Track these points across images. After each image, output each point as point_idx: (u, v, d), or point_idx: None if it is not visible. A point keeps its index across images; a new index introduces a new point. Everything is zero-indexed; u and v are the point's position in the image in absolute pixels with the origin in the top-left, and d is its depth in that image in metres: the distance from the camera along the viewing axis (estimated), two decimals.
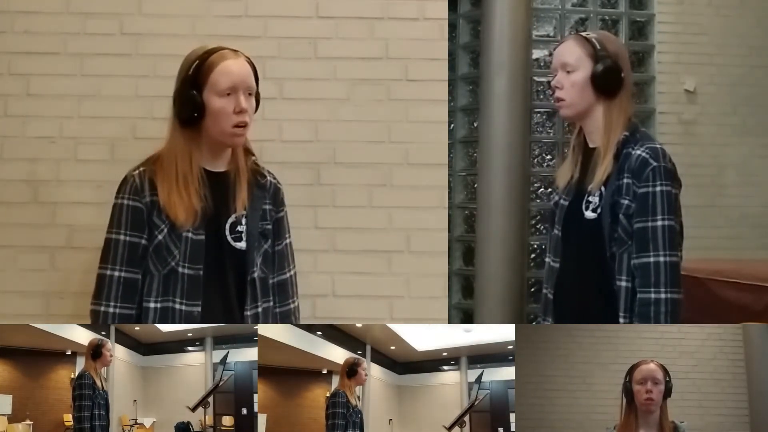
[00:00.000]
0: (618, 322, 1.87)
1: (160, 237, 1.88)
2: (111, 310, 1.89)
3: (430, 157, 2.45)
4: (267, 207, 2.01)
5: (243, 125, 1.87)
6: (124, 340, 3.48)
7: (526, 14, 3.29)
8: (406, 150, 2.45)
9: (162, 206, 1.87)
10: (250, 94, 1.90)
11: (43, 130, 2.40)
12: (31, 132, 2.41)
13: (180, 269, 1.87)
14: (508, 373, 3.76)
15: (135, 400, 3.57)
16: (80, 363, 3.11)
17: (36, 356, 3.21)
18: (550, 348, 3.44)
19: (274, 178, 2.07)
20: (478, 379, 3.73)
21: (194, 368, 3.69)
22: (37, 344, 3.14)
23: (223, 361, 3.30)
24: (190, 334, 3.59)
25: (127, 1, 2.43)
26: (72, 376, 3.25)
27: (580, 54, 1.92)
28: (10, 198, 2.39)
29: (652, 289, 1.81)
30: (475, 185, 3.63)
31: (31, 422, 3.12)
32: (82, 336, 2.92)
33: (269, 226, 2.01)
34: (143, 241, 1.90)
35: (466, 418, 3.73)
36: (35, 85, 2.41)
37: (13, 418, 3.09)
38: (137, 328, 3.36)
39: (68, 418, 3.09)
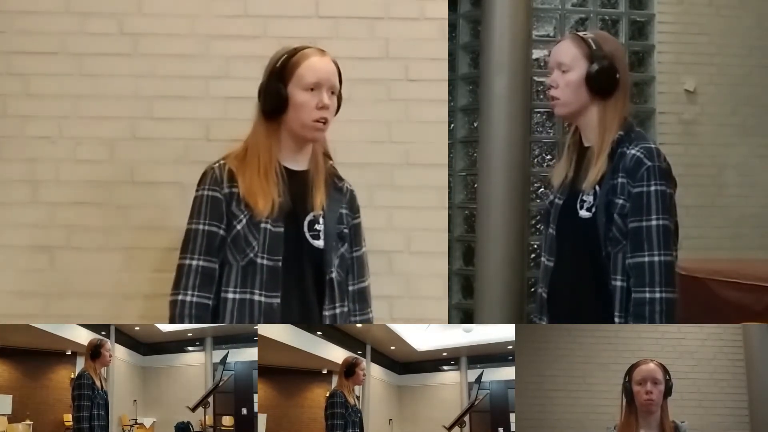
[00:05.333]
0: (613, 322, 1.87)
1: (238, 227, 1.89)
2: (188, 298, 1.88)
3: (430, 157, 2.45)
4: (344, 211, 2.03)
5: (324, 121, 1.91)
6: (124, 340, 3.48)
7: (526, 14, 3.28)
8: (406, 150, 2.45)
9: (242, 196, 1.89)
10: (333, 93, 1.94)
11: (43, 130, 2.40)
12: (30, 132, 2.40)
13: (259, 260, 1.88)
14: (508, 373, 3.76)
15: (135, 400, 3.58)
16: (80, 363, 3.11)
17: (36, 356, 3.21)
18: (550, 348, 3.44)
19: (350, 185, 2.09)
20: (478, 379, 3.73)
21: (194, 368, 3.70)
22: (37, 344, 3.14)
23: (223, 361, 3.30)
24: (190, 334, 3.59)
25: (127, 1, 2.43)
26: (72, 376, 3.26)
27: (576, 54, 1.92)
28: (10, 198, 2.39)
29: (647, 289, 1.81)
30: (475, 185, 3.62)
31: (31, 422, 3.13)
32: (82, 336, 2.92)
33: (346, 230, 2.03)
34: (221, 232, 1.91)
35: (466, 418, 3.73)
36: (35, 85, 2.41)
37: (13, 418, 3.09)
38: (137, 328, 3.36)
39: (68, 418, 3.09)
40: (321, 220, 1.95)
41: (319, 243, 1.94)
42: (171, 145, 2.41)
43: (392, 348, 3.94)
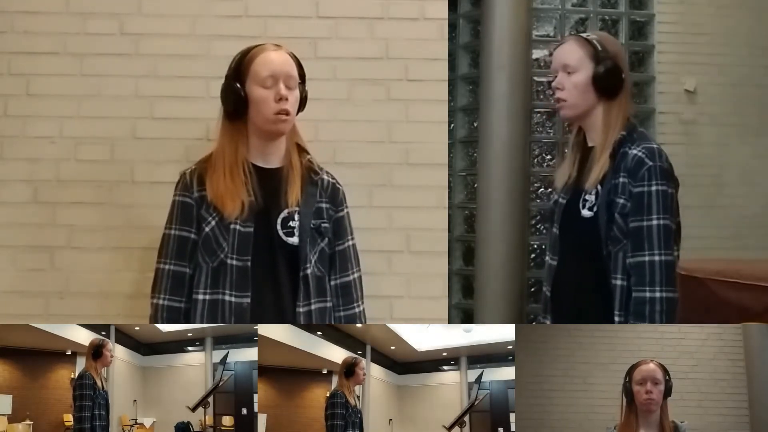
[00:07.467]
0: (613, 322, 1.87)
1: (207, 230, 1.92)
2: (160, 302, 1.95)
3: (430, 157, 2.45)
4: (323, 205, 2.02)
5: (284, 113, 1.91)
6: (124, 340, 3.48)
7: (526, 14, 3.29)
8: (406, 150, 2.45)
9: (210, 199, 1.92)
10: (291, 87, 1.94)
11: (43, 130, 2.40)
12: (31, 132, 2.40)
13: (229, 261, 1.90)
14: (508, 373, 3.77)
15: (135, 400, 3.58)
16: (80, 363, 3.11)
17: (36, 356, 3.21)
18: (550, 348, 3.44)
19: (333, 178, 2.08)
20: (478, 379, 3.74)
21: (194, 368, 3.70)
22: (37, 344, 3.14)
23: (223, 361, 3.31)
24: (190, 334, 3.59)
25: (127, 1, 2.43)
26: (72, 376, 3.26)
27: (581, 55, 1.93)
28: (10, 198, 2.39)
29: (647, 288, 1.82)
30: (475, 185, 3.62)
31: (31, 422, 3.13)
32: (82, 336, 2.93)
33: (326, 225, 2.01)
34: (192, 236, 1.95)
35: (466, 418, 3.74)
36: (35, 85, 2.41)
37: (13, 418, 3.09)
38: (137, 328, 3.36)
39: (68, 418, 3.10)
40: (296, 216, 1.95)
41: (294, 240, 1.94)
42: (171, 145, 2.41)
43: (392, 348, 3.94)
